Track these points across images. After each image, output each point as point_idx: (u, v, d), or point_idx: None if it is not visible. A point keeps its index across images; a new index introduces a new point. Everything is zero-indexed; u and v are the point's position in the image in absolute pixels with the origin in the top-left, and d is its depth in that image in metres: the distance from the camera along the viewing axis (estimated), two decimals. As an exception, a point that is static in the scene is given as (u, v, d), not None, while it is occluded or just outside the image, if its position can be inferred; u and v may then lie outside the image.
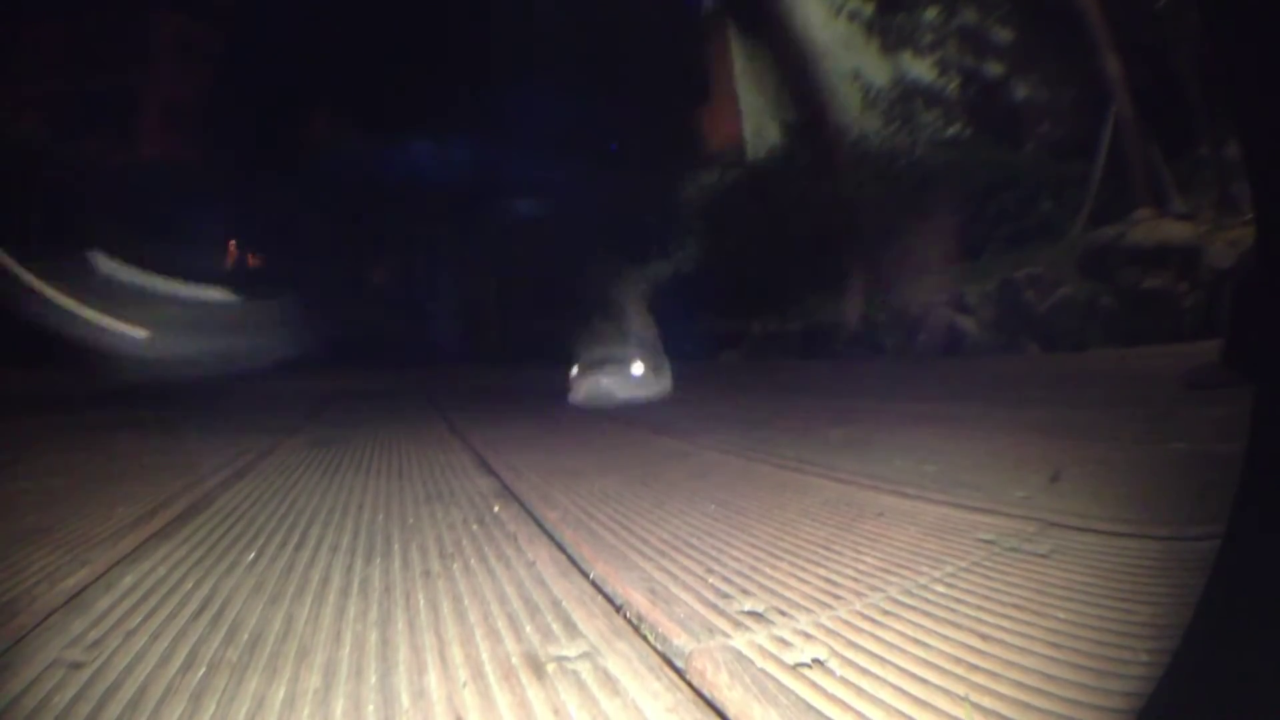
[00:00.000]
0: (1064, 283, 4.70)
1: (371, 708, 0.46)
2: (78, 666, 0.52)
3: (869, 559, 0.75)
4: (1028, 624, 0.56)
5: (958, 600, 0.62)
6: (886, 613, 0.60)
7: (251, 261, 10.71)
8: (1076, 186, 5.90)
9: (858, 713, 0.44)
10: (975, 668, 0.49)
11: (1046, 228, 6.07)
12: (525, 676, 0.50)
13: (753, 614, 0.60)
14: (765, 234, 7.88)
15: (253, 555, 0.81)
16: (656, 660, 0.53)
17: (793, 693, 0.46)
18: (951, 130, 8.36)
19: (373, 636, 0.58)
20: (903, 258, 6.77)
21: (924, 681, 0.48)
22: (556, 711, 0.45)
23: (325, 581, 0.72)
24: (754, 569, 0.73)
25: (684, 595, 0.65)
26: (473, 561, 0.78)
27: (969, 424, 1.77)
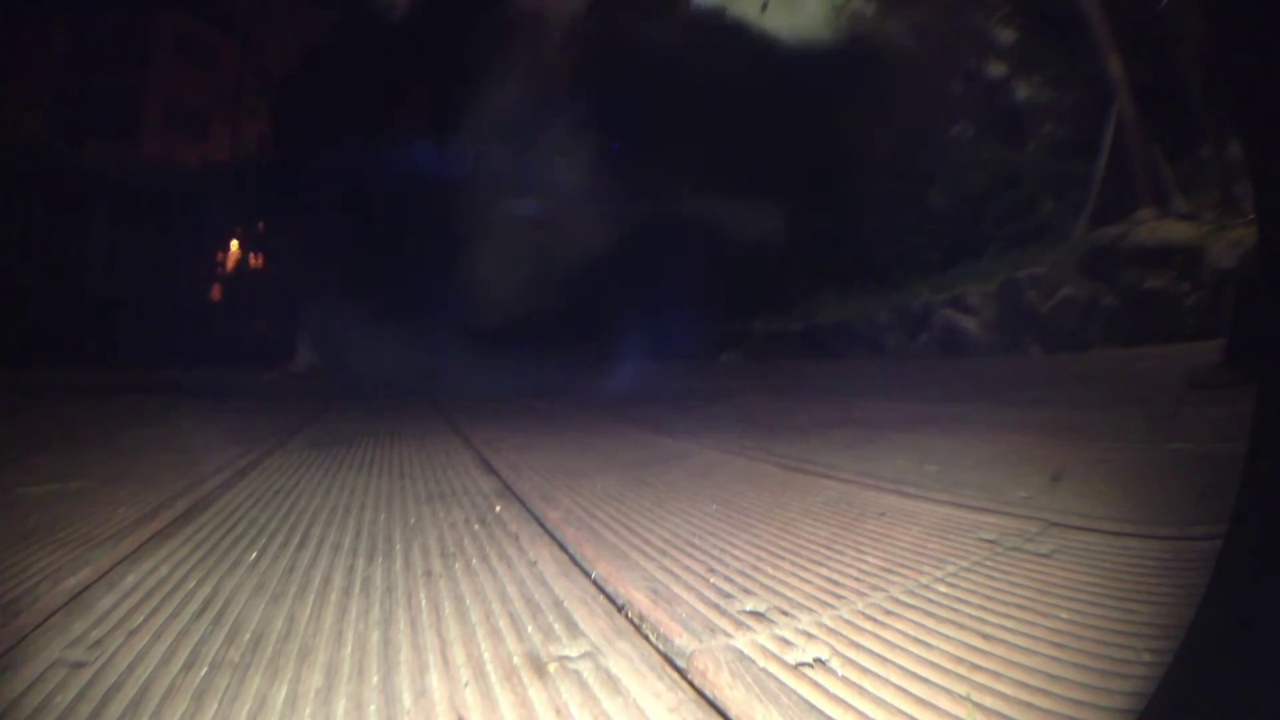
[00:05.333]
0: (1066, 283, 4.69)
1: (374, 707, 0.46)
2: (80, 666, 0.52)
3: (871, 558, 0.75)
4: (1030, 623, 0.56)
5: (960, 600, 0.62)
6: (889, 612, 0.60)
7: (253, 262, 10.73)
8: (1078, 187, 5.90)
9: (859, 712, 0.44)
10: (977, 667, 0.49)
11: (1048, 228, 6.06)
12: (527, 676, 0.50)
13: (754, 614, 0.60)
14: (766, 234, 7.88)
15: (255, 555, 0.81)
16: (658, 660, 0.53)
17: (794, 692, 0.46)
18: (953, 130, 8.36)
19: (374, 636, 0.58)
20: (905, 258, 6.77)
21: (926, 681, 0.48)
22: (558, 711, 0.45)
23: (327, 581, 0.72)
24: (756, 568, 0.73)
25: (686, 595, 0.65)
26: (474, 561, 0.78)
27: (971, 424, 1.77)
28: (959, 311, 5.41)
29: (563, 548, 0.83)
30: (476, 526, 0.94)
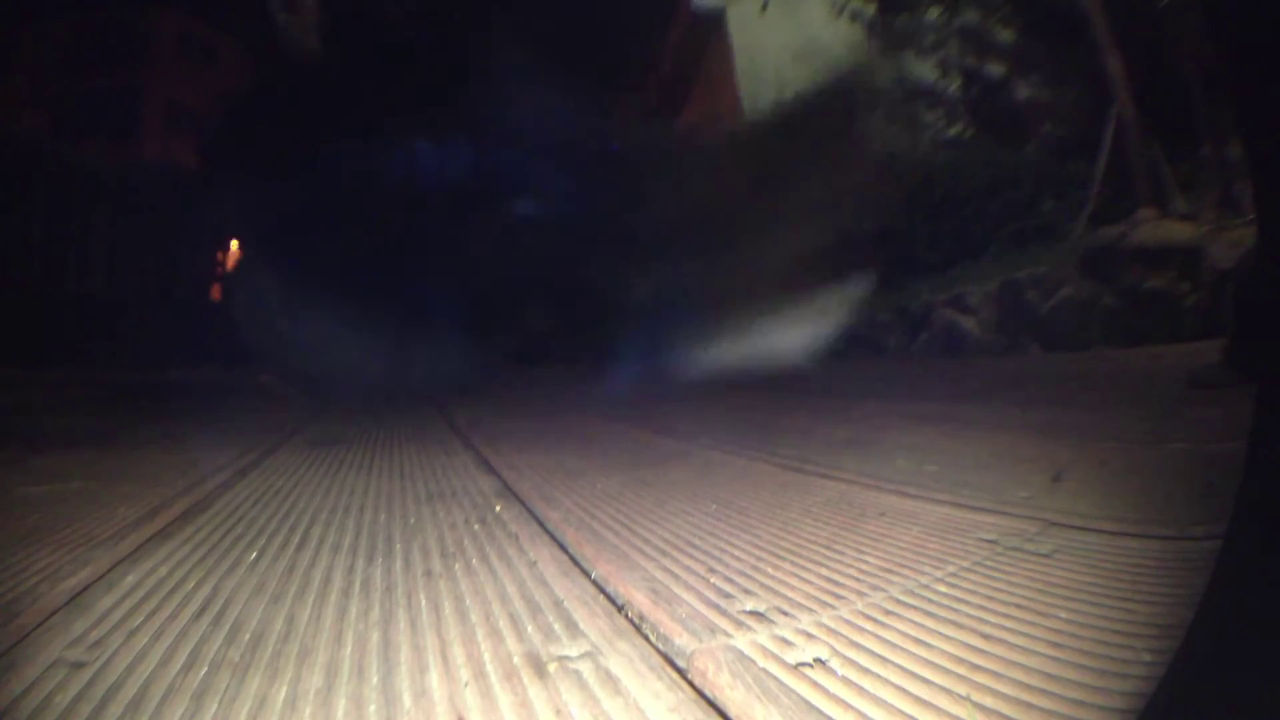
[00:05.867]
0: (1066, 283, 4.68)
1: (373, 708, 0.46)
2: (80, 666, 0.52)
3: (871, 559, 0.75)
4: (1030, 624, 0.56)
5: (960, 600, 0.62)
6: (889, 612, 0.60)
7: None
8: (1078, 186, 5.89)
9: (859, 712, 0.44)
10: (977, 667, 0.49)
11: (1048, 228, 6.05)
12: (527, 676, 0.50)
13: (755, 614, 0.60)
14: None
15: (254, 555, 0.81)
16: (658, 660, 0.53)
17: (795, 692, 0.46)
18: (953, 130, 8.36)
19: (374, 636, 0.58)
20: (905, 258, 6.77)
21: (926, 681, 0.48)
22: (558, 711, 0.45)
23: (327, 581, 0.72)
24: (756, 569, 0.73)
25: (686, 595, 0.65)
26: (474, 561, 0.78)
27: (971, 424, 1.77)
28: (959, 311, 5.41)
29: (563, 548, 0.83)
30: (476, 526, 0.94)
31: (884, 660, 0.51)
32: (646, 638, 0.57)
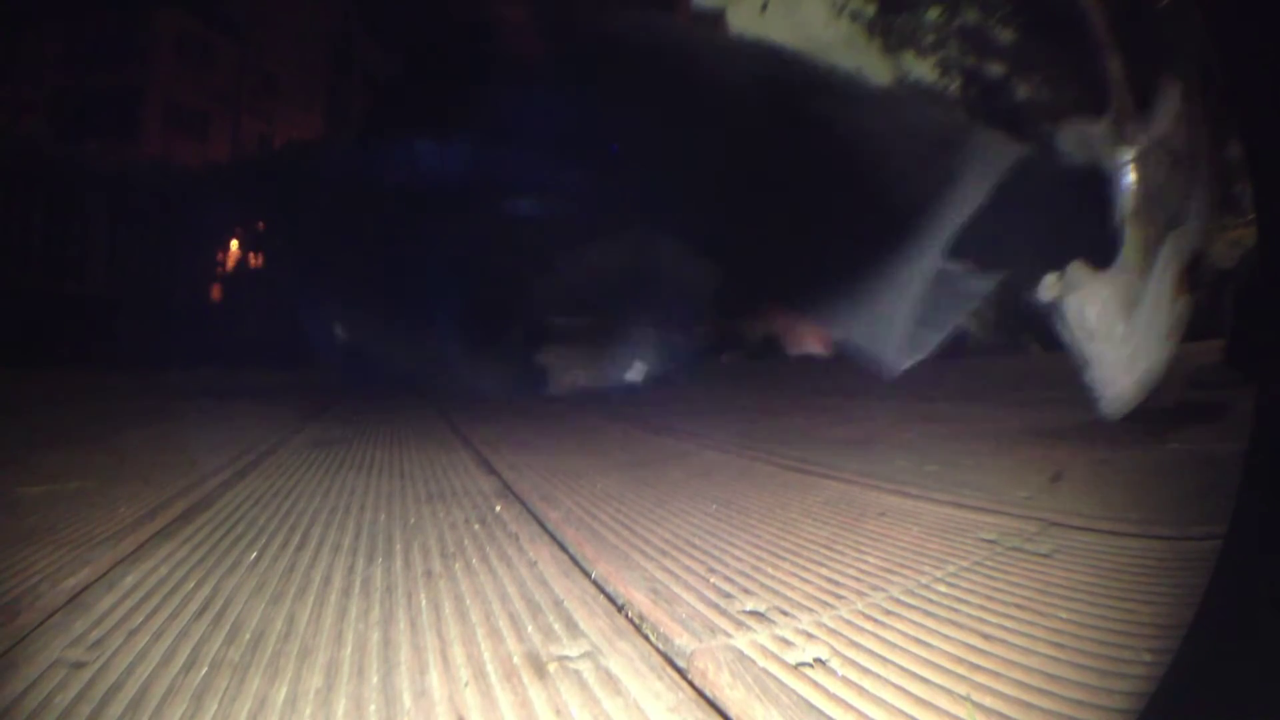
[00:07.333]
0: (1065, 283, 4.69)
1: (373, 707, 0.46)
2: (80, 666, 0.52)
3: (871, 558, 0.75)
4: (1030, 623, 0.56)
5: (960, 600, 0.62)
6: (889, 612, 0.60)
7: (253, 261, 10.71)
8: (1078, 186, 5.89)
9: (859, 712, 0.44)
10: (977, 667, 0.49)
11: (1048, 228, 6.05)
12: (527, 676, 0.50)
13: (755, 614, 0.60)
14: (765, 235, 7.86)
15: (255, 555, 0.81)
16: (658, 660, 0.53)
17: (794, 692, 0.46)
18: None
19: (374, 636, 0.58)
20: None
21: (926, 681, 0.48)
22: (558, 711, 0.45)
23: (327, 581, 0.72)
24: (756, 568, 0.73)
25: (686, 595, 0.65)
26: (474, 561, 0.78)
27: (971, 424, 1.77)
28: (959, 311, 5.41)
29: (563, 548, 0.83)
30: (477, 526, 0.94)
31: (884, 660, 0.51)
32: (646, 637, 0.57)
